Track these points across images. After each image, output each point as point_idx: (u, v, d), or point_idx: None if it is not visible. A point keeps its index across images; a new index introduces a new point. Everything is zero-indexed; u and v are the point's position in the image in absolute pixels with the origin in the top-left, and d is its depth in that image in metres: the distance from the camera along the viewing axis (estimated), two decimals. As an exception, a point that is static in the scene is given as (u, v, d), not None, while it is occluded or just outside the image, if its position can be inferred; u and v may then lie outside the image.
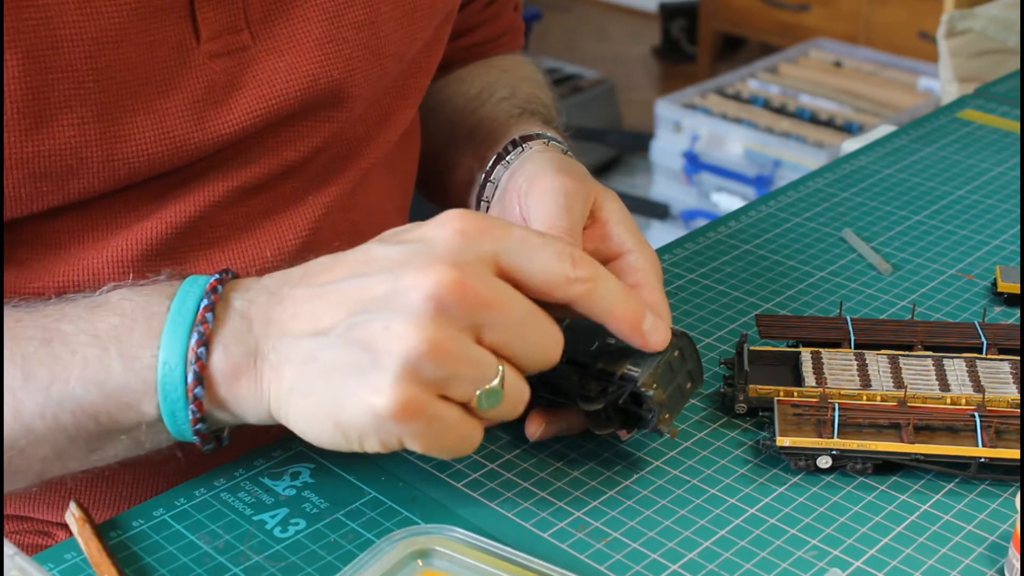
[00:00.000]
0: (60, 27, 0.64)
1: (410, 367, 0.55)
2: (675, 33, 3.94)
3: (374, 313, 0.57)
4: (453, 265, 0.57)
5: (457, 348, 0.56)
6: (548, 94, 0.94)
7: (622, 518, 0.64)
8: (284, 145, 0.75)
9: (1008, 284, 0.83)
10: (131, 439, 0.62)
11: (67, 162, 0.67)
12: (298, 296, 0.60)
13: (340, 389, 0.57)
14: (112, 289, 0.64)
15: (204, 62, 0.70)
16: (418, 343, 0.55)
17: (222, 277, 0.62)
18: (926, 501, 0.65)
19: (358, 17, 0.74)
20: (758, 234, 0.93)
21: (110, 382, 0.60)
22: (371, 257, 0.59)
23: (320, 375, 0.58)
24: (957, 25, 1.74)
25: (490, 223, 0.59)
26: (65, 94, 0.65)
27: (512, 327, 0.58)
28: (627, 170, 3.31)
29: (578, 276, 0.59)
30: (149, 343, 0.60)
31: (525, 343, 0.58)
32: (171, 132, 0.69)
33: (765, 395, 0.70)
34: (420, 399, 0.56)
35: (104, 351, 0.61)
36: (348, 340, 0.57)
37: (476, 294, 0.56)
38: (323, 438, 0.59)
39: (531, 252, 0.59)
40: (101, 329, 0.61)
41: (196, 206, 0.73)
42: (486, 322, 0.57)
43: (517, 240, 0.59)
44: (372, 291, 0.57)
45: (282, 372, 0.59)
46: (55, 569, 0.61)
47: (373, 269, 0.58)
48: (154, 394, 0.60)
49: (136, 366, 0.60)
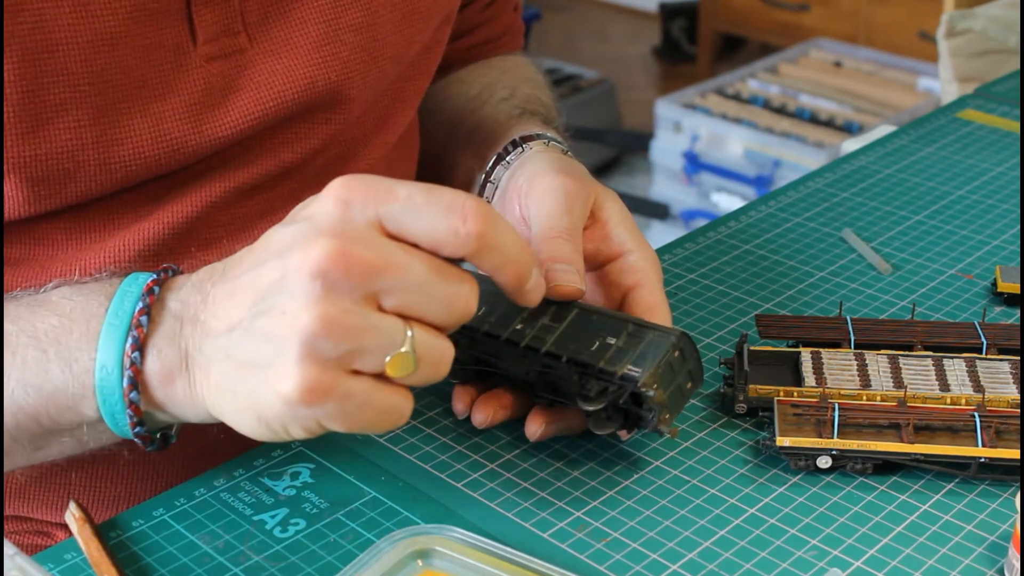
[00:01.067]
0: (56, 30, 0.64)
1: (307, 348, 0.54)
2: (675, 33, 3.94)
3: (271, 300, 0.56)
4: (335, 236, 0.55)
5: (353, 320, 0.55)
6: (548, 95, 0.94)
7: (622, 518, 0.64)
8: (281, 147, 0.75)
9: (1008, 284, 0.83)
10: (74, 438, 0.63)
11: (64, 165, 0.67)
12: (217, 293, 0.59)
13: (253, 383, 0.57)
14: (56, 286, 0.63)
15: (201, 65, 0.70)
16: (310, 322, 0.54)
17: (160, 277, 0.61)
18: (926, 501, 0.65)
19: (356, 19, 0.74)
20: (758, 234, 0.93)
21: (48, 385, 0.60)
22: (269, 243, 0.58)
23: (236, 371, 0.57)
24: (957, 25, 1.74)
25: (371, 186, 0.57)
26: (61, 97, 0.65)
27: (413, 287, 0.56)
28: (627, 170, 3.31)
29: (468, 231, 0.57)
30: (87, 346, 0.60)
31: (430, 301, 0.56)
32: (168, 135, 0.69)
33: (765, 395, 0.70)
34: (325, 379, 0.55)
35: (43, 353, 0.60)
36: (253, 332, 0.56)
37: (363, 261, 0.55)
38: (255, 432, 0.58)
39: (416, 210, 0.57)
40: (41, 330, 0.61)
41: (193, 207, 0.73)
42: (382, 287, 0.55)
43: (402, 199, 0.57)
44: (267, 278, 0.56)
45: (209, 372, 0.59)
46: (55, 569, 0.61)
47: (269, 255, 0.57)
48: (93, 397, 0.60)
49: (74, 369, 0.60)
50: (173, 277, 0.62)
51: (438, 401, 0.73)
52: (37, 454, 0.64)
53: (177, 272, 0.62)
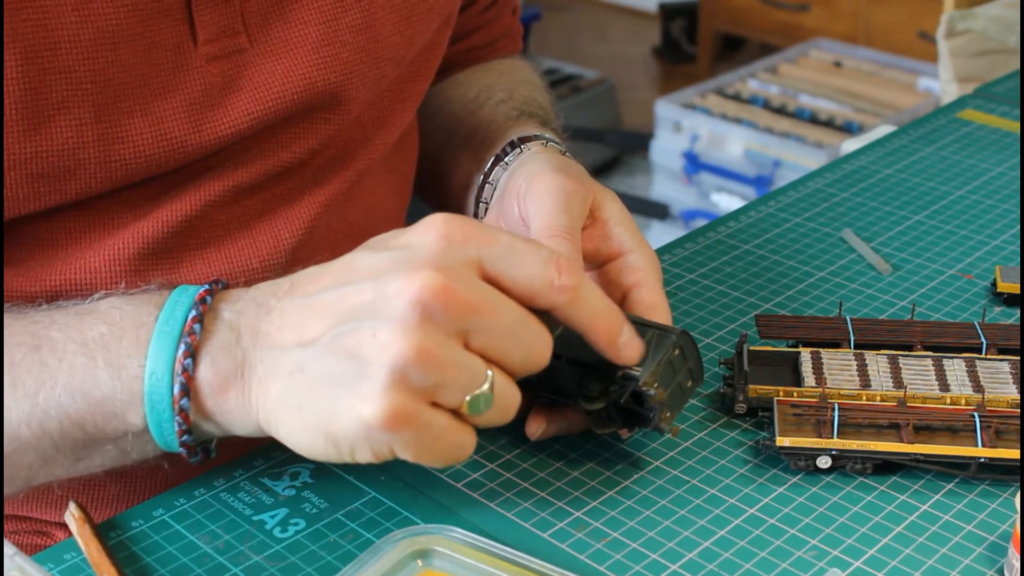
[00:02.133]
0: (58, 28, 0.64)
1: (398, 375, 0.55)
2: (675, 33, 3.94)
3: (360, 321, 0.56)
4: (438, 270, 0.56)
5: (445, 354, 0.55)
6: (546, 97, 0.94)
7: (622, 518, 0.64)
8: (281, 147, 0.75)
9: (1008, 284, 0.83)
10: (117, 448, 0.62)
11: (65, 163, 0.67)
12: (285, 308, 0.59)
13: (328, 400, 0.56)
14: (103, 297, 0.63)
15: (201, 64, 0.70)
16: (405, 350, 0.54)
17: (212, 288, 0.61)
18: (926, 501, 0.65)
19: (355, 21, 0.74)
20: (758, 234, 0.93)
21: (96, 391, 0.60)
22: (356, 266, 0.58)
23: (308, 387, 0.57)
24: (957, 25, 1.74)
25: (475, 228, 0.58)
26: (62, 95, 0.65)
27: (500, 331, 0.57)
28: (627, 170, 3.31)
29: (563, 284, 0.58)
30: (136, 353, 0.60)
31: (514, 347, 0.58)
32: (168, 134, 0.69)
33: (765, 395, 0.70)
34: (409, 407, 0.55)
35: (91, 360, 0.60)
36: (335, 350, 0.56)
37: (462, 298, 0.56)
38: (314, 450, 0.58)
39: (517, 257, 0.58)
40: (89, 337, 0.61)
41: (193, 206, 0.73)
42: (474, 327, 0.56)
43: (503, 245, 0.58)
44: (357, 299, 0.57)
45: (269, 385, 0.58)
46: (55, 569, 0.61)
47: (358, 277, 0.57)
48: (140, 404, 0.60)
49: (123, 376, 0.60)
50: (225, 289, 0.62)
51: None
52: (79, 464, 0.63)
53: (226, 286, 0.62)
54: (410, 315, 0.55)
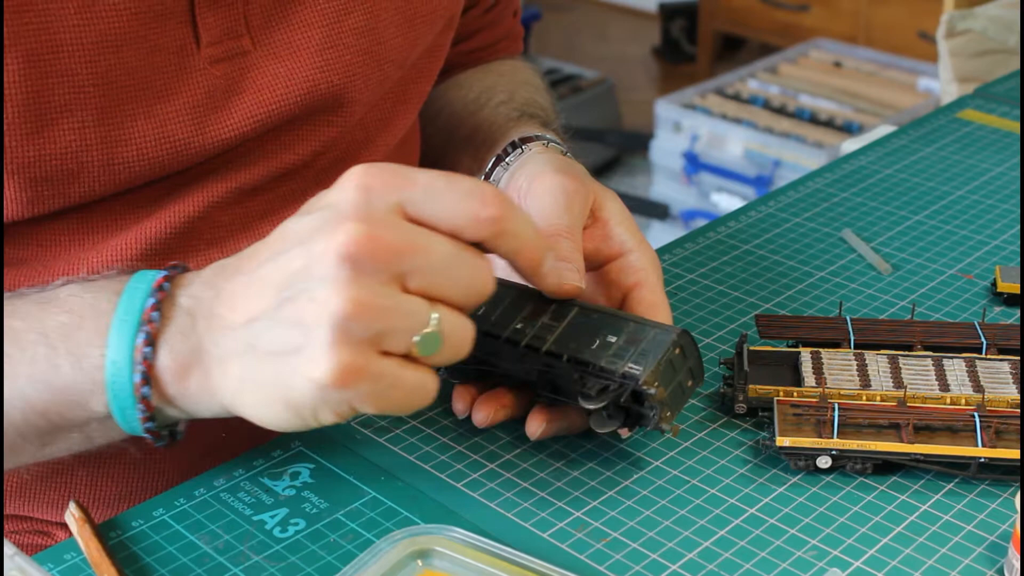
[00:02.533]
0: (60, 31, 0.64)
1: (340, 331, 0.55)
2: (675, 33, 3.94)
3: (296, 287, 0.56)
4: (360, 220, 0.56)
5: (382, 301, 0.55)
6: (547, 98, 0.94)
7: (622, 518, 0.64)
8: (284, 149, 0.75)
9: (1008, 284, 0.83)
10: (82, 435, 0.63)
11: (68, 166, 0.67)
12: (232, 287, 0.59)
13: (281, 370, 0.57)
14: (63, 284, 0.63)
15: (204, 67, 0.70)
16: (342, 305, 0.55)
17: (170, 273, 0.61)
18: (926, 501, 0.65)
19: (358, 23, 0.74)
20: (758, 234, 0.93)
21: (58, 380, 0.61)
22: (287, 234, 0.59)
23: (261, 361, 0.57)
24: (957, 25, 1.74)
25: (392, 173, 0.58)
26: (65, 98, 0.65)
27: (435, 268, 0.57)
28: (627, 170, 3.31)
29: (487, 215, 0.58)
30: (97, 342, 0.60)
31: (453, 281, 0.57)
32: (171, 136, 0.69)
33: (765, 395, 0.70)
34: (358, 361, 0.55)
35: (53, 349, 0.61)
36: (279, 320, 0.57)
37: (388, 243, 0.56)
38: (280, 422, 0.59)
39: (437, 195, 0.58)
40: (50, 327, 0.61)
41: (195, 207, 0.73)
42: (407, 269, 0.56)
43: (422, 185, 0.58)
44: (291, 266, 0.57)
45: (229, 366, 0.59)
46: (55, 569, 0.61)
47: (289, 244, 0.58)
48: (103, 393, 0.60)
49: (84, 365, 0.60)
50: (182, 274, 0.62)
51: (438, 401, 0.72)
52: (44, 451, 0.64)
53: (186, 269, 0.63)
54: (340, 271, 0.55)
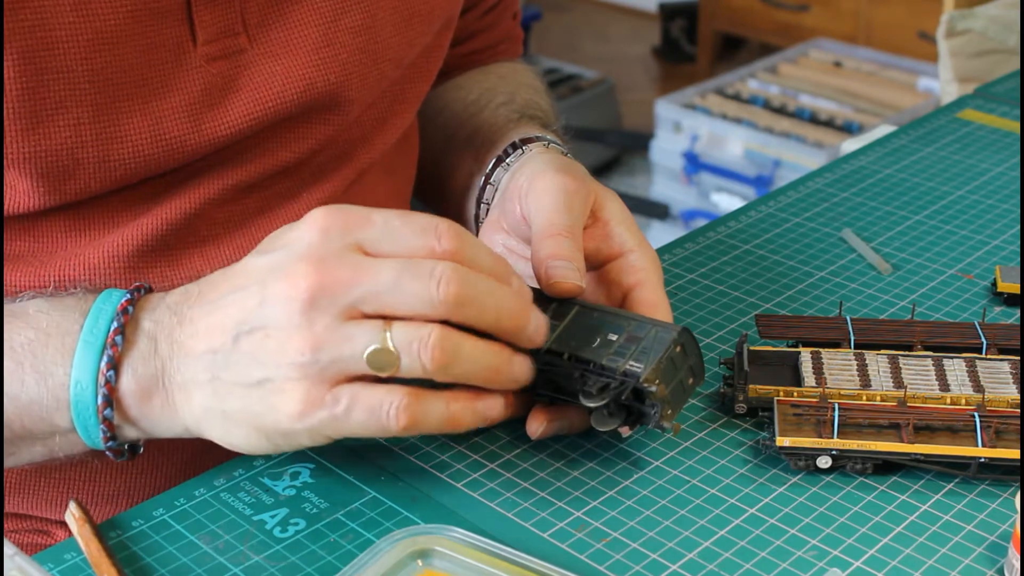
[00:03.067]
0: (56, 28, 0.64)
1: (296, 368, 0.58)
2: (675, 33, 3.94)
3: (252, 324, 0.59)
4: (313, 261, 0.58)
5: (330, 335, 0.58)
6: (547, 100, 0.94)
7: (622, 518, 0.64)
8: (280, 147, 0.75)
9: (1008, 284, 0.83)
10: (45, 447, 0.65)
11: (63, 162, 0.67)
12: (194, 316, 0.62)
13: (249, 401, 0.60)
14: (31, 297, 0.65)
15: (201, 65, 0.70)
16: (297, 344, 0.58)
17: (133, 296, 0.63)
18: (926, 501, 0.65)
19: (355, 22, 0.75)
20: (758, 234, 0.93)
21: (24, 395, 0.62)
22: (248, 269, 0.61)
23: (227, 392, 0.60)
24: (957, 25, 1.74)
25: (350, 214, 0.60)
26: (61, 95, 0.66)
27: (386, 288, 0.58)
28: (627, 170, 3.31)
29: (444, 249, 0.60)
30: (62, 361, 0.62)
31: (408, 295, 0.58)
32: (167, 134, 0.69)
33: (765, 395, 0.70)
34: (319, 392, 0.58)
35: (19, 365, 0.62)
36: (240, 355, 0.60)
37: (337, 278, 0.58)
38: (251, 447, 0.62)
39: (393, 233, 0.60)
40: (16, 343, 0.63)
41: (191, 204, 0.73)
42: (358, 296, 0.58)
43: (379, 225, 0.60)
44: (247, 303, 0.60)
45: (192, 393, 0.61)
46: (55, 569, 0.61)
47: (249, 281, 0.60)
48: (67, 410, 0.62)
49: (49, 382, 0.62)
50: (146, 296, 0.64)
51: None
52: (8, 460, 0.66)
53: (149, 290, 0.64)
54: (292, 312, 0.58)
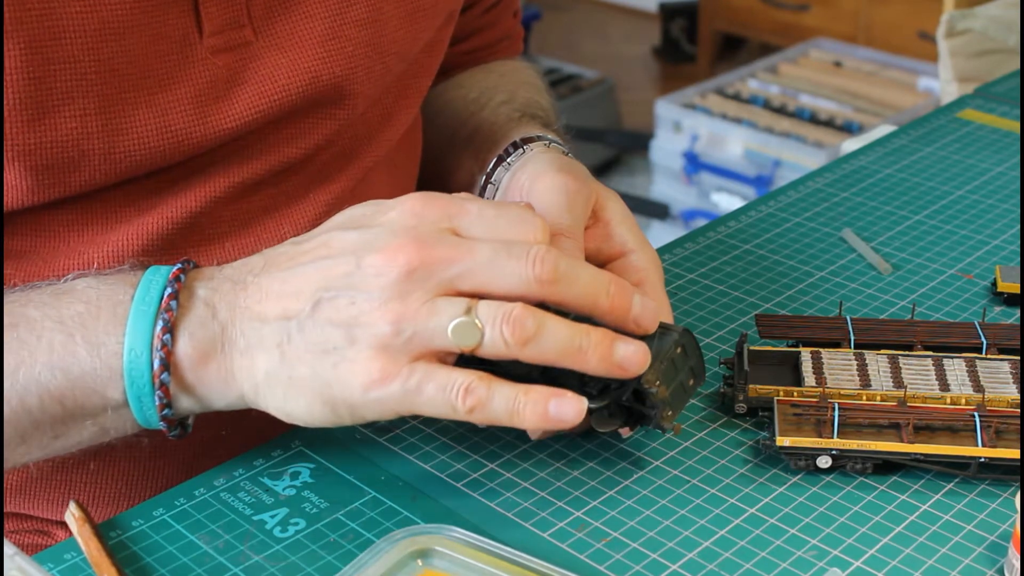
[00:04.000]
0: (62, 18, 0.64)
1: (380, 337, 0.58)
2: (675, 33, 3.94)
3: (339, 291, 0.59)
4: (412, 238, 0.59)
5: (418, 308, 0.58)
6: (547, 99, 0.94)
7: (622, 518, 0.64)
8: (286, 142, 0.75)
9: (1008, 284, 0.83)
10: (96, 425, 0.63)
11: (68, 154, 0.67)
12: (263, 283, 0.61)
13: (319, 368, 0.59)
14: (77, 277, 0.65)
15: (207, 57, 0.70)
16: (384, 316, 0.58)
17: (184, 267, 0.63)
18: (926, 501, 0.65)
19: (361, 15, 0.75)
20: (758, 234, 0.93)
21: (76, 367, 0.61)
22: (332, 243, 0.61)
23: (297, 357, 0.60)
24: (957, 25, 1.74)
25: (445, 200, 0.61)
26: (67, 86, 0.66)
27: (481, 266, 0.59)
28: (627, 170, 3.31)
29: (538, 239, 0.61)
30: (115, 330, 0.61)
31: (499, 275, 0.59)
32: (173, 126, 0.69)
33: (765, 395, 0.70)
34: (395, 364, 0.58)
35: (70, 337, 0.62)
36: (319, 320, 0.59)
37: (436, 255, 0.59)
38: (312, 418, 0.61)
39: (488, 221, 0.61)
40: (66, 315, 0.62)
41: (197, 201, 0.73)
42: (456, 274, 0.59)
43: (474, 213, 0.61)
44: (335, 271, 0.60)
45: (255, 357, 0.60)
46: (55, 569, 0.61)
47: (336, 252, 0.60)
48: (120, 380, 0.61)
49: (102, 352, 0.61)
50: (197, 268, 0.64)
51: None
52: (56, 443, 0.64)
53: (197, 265, 0.64)
54: (386, 284, 0.58)
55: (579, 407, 0.60)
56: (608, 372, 0.61)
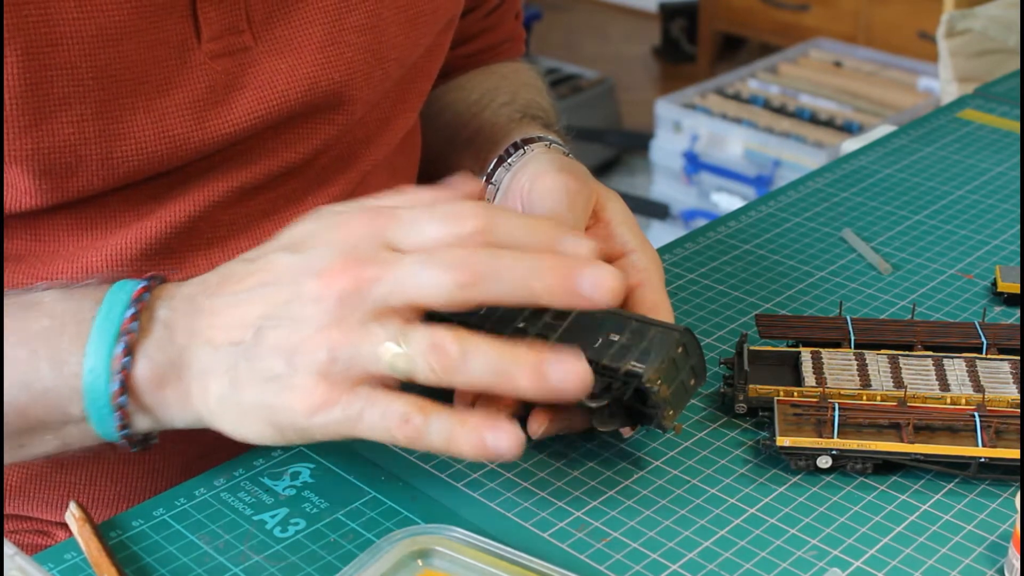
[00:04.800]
0: (60, 24, 0.64)
1: (318, 364, 0.58)
2: (675, 33, 3.94)
3: (280, 320, 0.59)
4: (348, 260, 0.58)
5: (355, 333, 0.58)
6: (548, 100, 0.94)
7: (622, 518, 0.64)
8: (284, 147, 0.75)
9: (1008, 284, 0.83)
10: (57, 438, 0.64)
11: (66, 159, 0.67)
12: (214, 306, 0.61)
13: (265, 395, 0.59)
14: (46, 288, 0.65)
15: (205, 62, 0.70)
16: (321, 340, 0.58)
17: (149, 284, 0.63)
18: (926, 501, 0.65)
19: (360, 21, 0.75)
20: (758, 234, 0.93)
21: (38, 383, 0.62)
22: (275, 266, 0.61)
23: (245, 383, 0.60)
24: (957, 25, 1.74)
25: (378, 213, 0.60)
26: (64, 91, 0.65)
27: (405, 282, 0.58)
28: (627, 170, 3.31)
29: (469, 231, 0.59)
30: (76, 349, 0.61)
31: (424, 286, 0.57)
32: (171, 131, 0.69)
33: (765, 395, 0.70)
34: (336, 391, 0.58)
35: (34, 353, 0.62)
36: (262, 348, 0.59)
37: (365, 276, 0.58)
38: (263, 439, 0.61)
39: (420, 226, 0.59)
40: (33, 331, 0.62)
41: (195, 206, 0.73)
42: (385, 292, 0.58)
43: (406, 221, 0.60)
44: (277, 297, 0.59)
45: (207, 382, 0.60)
46: (55, 569, 0.61)
47: (277, 277, 0.60)
48: (80, 398, 0.62)
49: (64, 371, 0.62)
50: (161, 285, 0.63)
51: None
52: (19, 452, 0.65)
53: (164, 280, 0.64)
54: (322, 312, 0.58)
55: (516, 440, 0.57)
56: (546, 398, 0.58)
